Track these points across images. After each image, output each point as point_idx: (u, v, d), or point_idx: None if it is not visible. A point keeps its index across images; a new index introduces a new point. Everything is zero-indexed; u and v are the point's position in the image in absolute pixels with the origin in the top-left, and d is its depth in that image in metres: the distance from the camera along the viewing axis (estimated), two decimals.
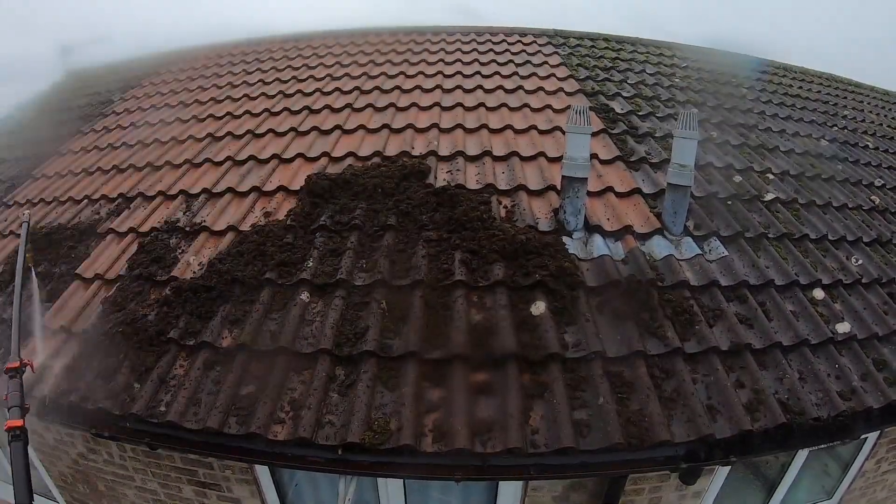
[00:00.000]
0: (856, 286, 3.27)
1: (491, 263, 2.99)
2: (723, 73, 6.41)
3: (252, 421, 2.34)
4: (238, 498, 3.07)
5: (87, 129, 5.57)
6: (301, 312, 2.83)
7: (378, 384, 2.50)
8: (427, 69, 5.76)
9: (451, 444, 2.23)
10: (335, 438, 2.30)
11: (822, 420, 2.42)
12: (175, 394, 2.52)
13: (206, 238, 3.45)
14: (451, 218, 3.30)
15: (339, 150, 4.19)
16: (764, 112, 5.44)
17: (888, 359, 2.82)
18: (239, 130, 4.77)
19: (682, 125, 3.13)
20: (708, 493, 3.02)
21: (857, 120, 6.06)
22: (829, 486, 3.63)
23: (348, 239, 3.25)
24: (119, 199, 4.10)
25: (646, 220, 3.42)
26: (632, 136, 4.39)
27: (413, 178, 3.68)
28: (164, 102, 5.81)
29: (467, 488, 3.07)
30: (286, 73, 6.11)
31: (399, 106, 4.88)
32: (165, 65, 7.03)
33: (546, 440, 2.27)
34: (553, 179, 3.63)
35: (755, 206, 3.75)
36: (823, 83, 7.12)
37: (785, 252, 3.36)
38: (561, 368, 2.52)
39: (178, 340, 2.74)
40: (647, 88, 5.47)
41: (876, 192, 4.44)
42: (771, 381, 2.56)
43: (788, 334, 2.78)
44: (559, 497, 2.85)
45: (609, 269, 2.98)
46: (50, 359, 2.83)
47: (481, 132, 4.37)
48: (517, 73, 5.59)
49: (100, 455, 3.23)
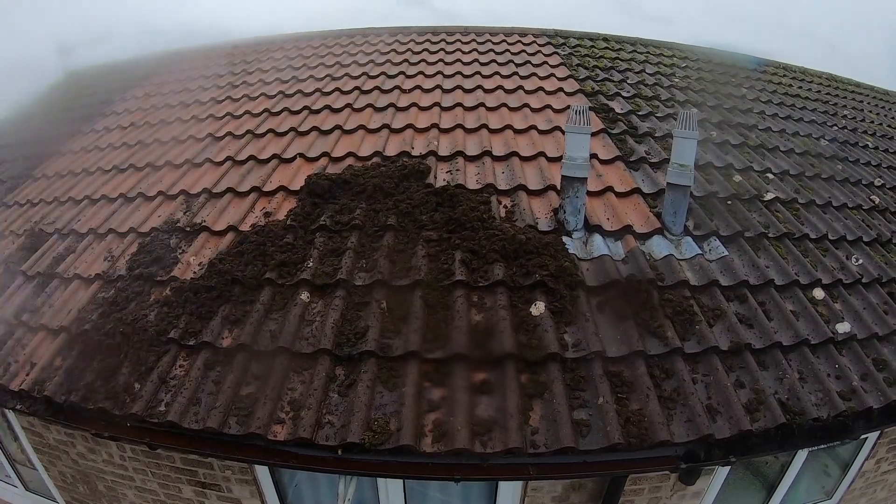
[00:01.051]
0: (856, 286, 3.28)
1: (491, 263, 2.99)
2: (723, 73, 6.42)
3: (252, 421, 2.34)
4: (238, 498, 3.07)
5: (87, 129, 5.57)
6: (301, 312, 2.83)
7: (378, 384, 2.50)
8: (427, 69, 5.76)
9: (450, 445, 2.23)
10: (335, 439, 2.30)
11: (822, 420, 2.42)
12: (175, 394, 2.52)
13: (206, 238, 3.45)
14: (450, 218, 3.30)
15: (339, 150, 4.19)
16: (764, 112, 5.44)
17: (888, 359, 2.82)
18: (239, 130, 4.77)
19: (682, 125, 3.13)
20: (708, 493, 3.02)
21: (857, 120, 6.06)
22: (828, 487, 3.63)
23: (348, 239, 3.25)
24: (119, 198, 4.11)
25: (646, 219, 3.42)
26: (631, 135, 4.39)
27: (413, 178, 3.68)
28: (164, 102, 5.81)
29: (467, 488, 3.07)
30: (286, 72, 6.12)
31: (399, 106, 4.88)
32: (165, 65, 7.03)
33: (546, 440, 2.28)
34: (553, 179, 3.63)
35: (755, 205, 3.75)
36: (823, 83, 7.12)
37: (785, 252, 3.36)
38: (560, 368, 2.52)
39: (179, 340, 2.75)
40: (647, 88, 5.47)
41: (876, 192, 4.44)
42: (771, 381, 2.56)
43: (788, 334, 2.78)
44: (559, 497, 2.85)
45: (609, 269, 2.98)
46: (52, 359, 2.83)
47: (481, 132, 4.38)
48: (517, 73, 5.59)
49: (99, 455, 3.23)
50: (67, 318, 3.08)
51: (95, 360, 2.78)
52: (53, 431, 3.30)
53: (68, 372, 2.76)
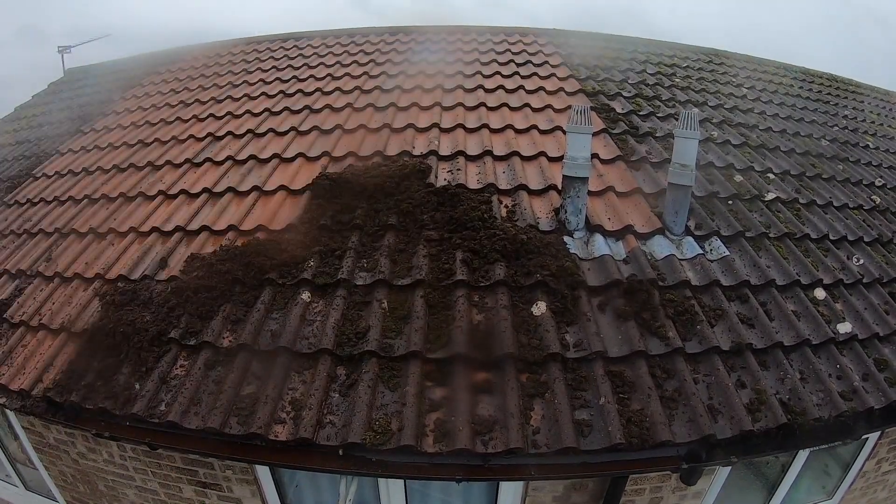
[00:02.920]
0: (857, 286, 3.27)
1: (492, 263, 2.99)
2: (724, 73, 6.42)
3: (253, 421, 2.34)
4: (239, 498, 3.07)
5: (87, 128, 5.57)
6: (302, 312, 2.83)
7: (379, 384, 2.50)
8: (428, 68, 5.75)
9: (452, 445, 2.23)
10: (336, 439, 2.30)
11: (824, 420, 2.42)
12: (176, 394, 2.51)
13: (206, 238, 3.45)
14: (451, 217, 3.30)
15: (339, 150, 4.19)
16: (764, 112, 5.44)
17: (889, 359, 2.82)
18: (240, 130, 4.76)
19: (683, 125, 3.12)
20: (709, 493, 3.02)
21: (858, 120, 6.06)
22: (829, 487, 3.63)
23: (349, 238, 3.25)
24: (119, 198, 4.10)
25: (647, 219, 3.42)
26: (633, 135, 4.39)
27: (414, 178, 3.67)
28: (164, 102, 5.80)
29: (468, 488, 3.06)
30: (287, 72, 6.11)
31: (400, 105, 4.87)
32: (165, 65, 7.03)
33: (547, 440, 2.27)
34: (554, 179, 3.62)
35: (756, 205, 3.75)
36: (824, 83, 7.11)
37: (786, 252, 3.36)
38: (562, 368, 2.52)
39: (179, 340, 2.74)
40: (648, 88, 5.46)
41: (876, 192, 4.44)
42: (772, 382, 2.56)
43: (790, 334, 2.78)
44: (560, 497, 2.85)
45: (610, 269, 2.98)
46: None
47: (482, 132, 4.37)
48: (518, 73, 5.59)
49: (100, 455, 3.23)
50: (67, 318, 3.08)
51: (96, 359, 2.78)
52: (54, 431, 3.30)
53: (68, 372, 2.76)
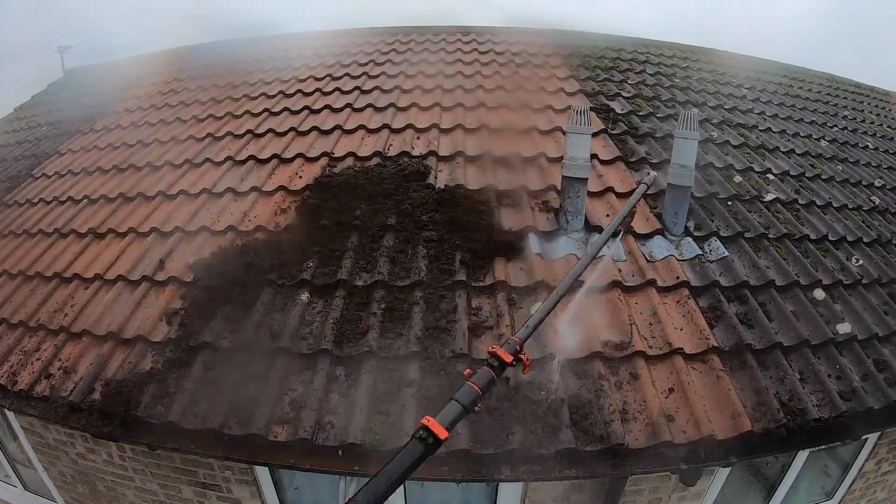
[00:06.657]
0: (856, 286, 3.27)
1: (492, 263, 2.99)
2: (723, 74, 6.41)
3: (252, 422, 2.34)
4: (238, 498, 3.07)
5: (86, 128, 5.56)
6: (301, 313, 2.83)
7: (379, 384, 2.50)
8: (427, 69, 5.75)
9: (452, 445, 2.23)
10: (335, 439, 2.30)
11: (823, 421, 2.42)
12: (176, 394, 2.51)
13: (206, 238, 3.45)
14: (451, 218, 3.30)
15: (339, 150, 4.18)
16: (764, 112, 5.44)
17: (889, 359, 2.81)
18: (239, 130, 4.76)
19: (683, 126, 3.13)
20: (708, 493, 3.01)
21: (857, 120, 6.06)
22: (828, 487, 3.63)
23: (349, 239, 3.25)
24: (119, 198, 4.10)
25: (646, 220, 3.42)
26: (632, 136, 4.39)
27: (413, 179, 3.67)
28: (163, 102, 5.80)
29: (468, 489, 3.06)
30: (286, 72, 6.10)
31: (399, 106, 4.87)
32: (165, 64, 7.02)
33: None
34: (553, 180, 3.62)
35: (755, 206, 3.75)
36: (823, 83, 7.12)
37: (785, 252, 3.36)
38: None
39: (179, 340, 2.74)
40: (648, 89, 5.46)
41: (876, 193, 4.44)
42: (771, 382, 2.56)
43: (789, 335, 2.78)
44: (559, 498, 2.85)
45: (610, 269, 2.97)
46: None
47: (481, 132, 4.37)
48: (518, 73, 5.58)
49: (99, 455, 3.22)
50: (67, 318, 3.08)
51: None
52: (53, 431, 3.30)
53: (68, 371, 2.76)
